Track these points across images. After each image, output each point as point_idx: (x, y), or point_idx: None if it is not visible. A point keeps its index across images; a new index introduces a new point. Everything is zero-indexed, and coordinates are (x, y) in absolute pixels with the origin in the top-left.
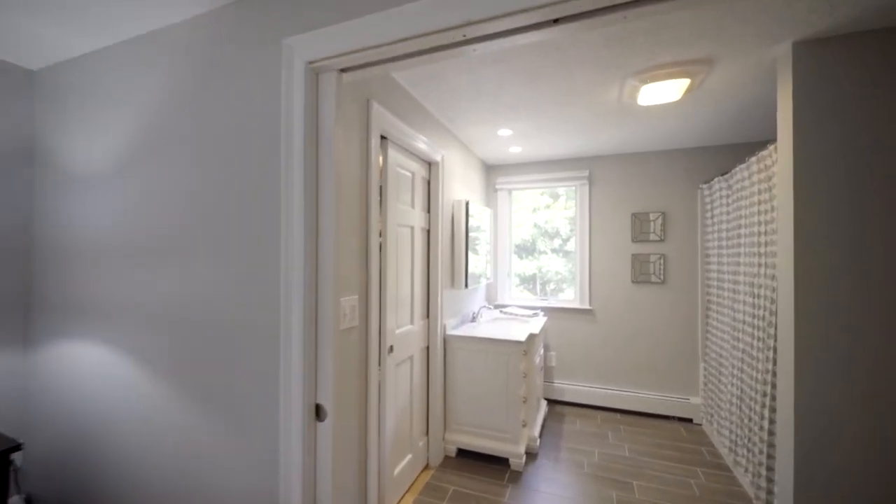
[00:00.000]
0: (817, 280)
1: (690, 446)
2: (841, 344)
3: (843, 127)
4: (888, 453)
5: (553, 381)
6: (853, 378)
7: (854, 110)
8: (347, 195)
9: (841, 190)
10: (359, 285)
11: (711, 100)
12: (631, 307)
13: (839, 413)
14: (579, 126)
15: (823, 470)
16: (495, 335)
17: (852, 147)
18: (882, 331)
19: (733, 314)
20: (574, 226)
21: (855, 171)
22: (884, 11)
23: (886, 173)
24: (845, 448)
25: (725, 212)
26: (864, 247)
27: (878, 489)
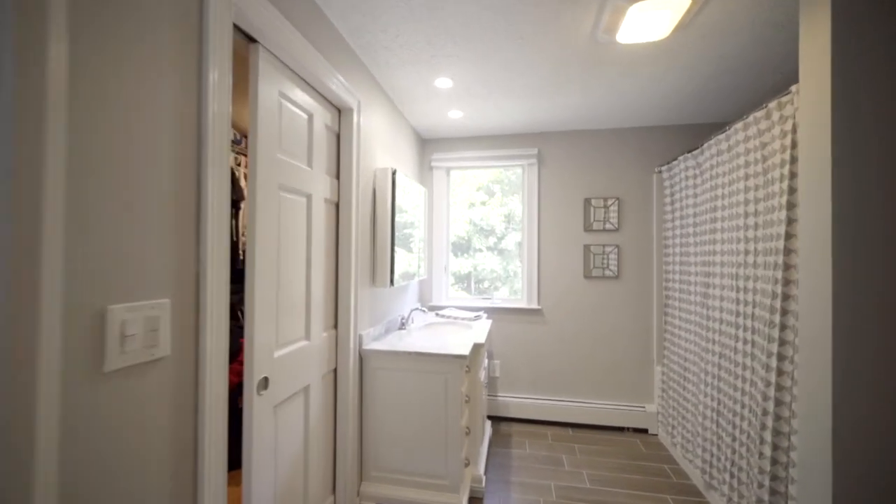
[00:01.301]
0: (863, 262)
1: (653, 465)
2: (887, 341)
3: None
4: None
5: (497, 395)
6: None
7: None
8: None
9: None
10: (173, 281)
11: (704, 42)
12: (583, 306)
13: (887, 423)
14: (536, 81)
15: (869, 489)
16: (430, 348)
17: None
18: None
19: (706, 311)
20: (508, 224)
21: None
22: None
23: None
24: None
25: (692, 194)
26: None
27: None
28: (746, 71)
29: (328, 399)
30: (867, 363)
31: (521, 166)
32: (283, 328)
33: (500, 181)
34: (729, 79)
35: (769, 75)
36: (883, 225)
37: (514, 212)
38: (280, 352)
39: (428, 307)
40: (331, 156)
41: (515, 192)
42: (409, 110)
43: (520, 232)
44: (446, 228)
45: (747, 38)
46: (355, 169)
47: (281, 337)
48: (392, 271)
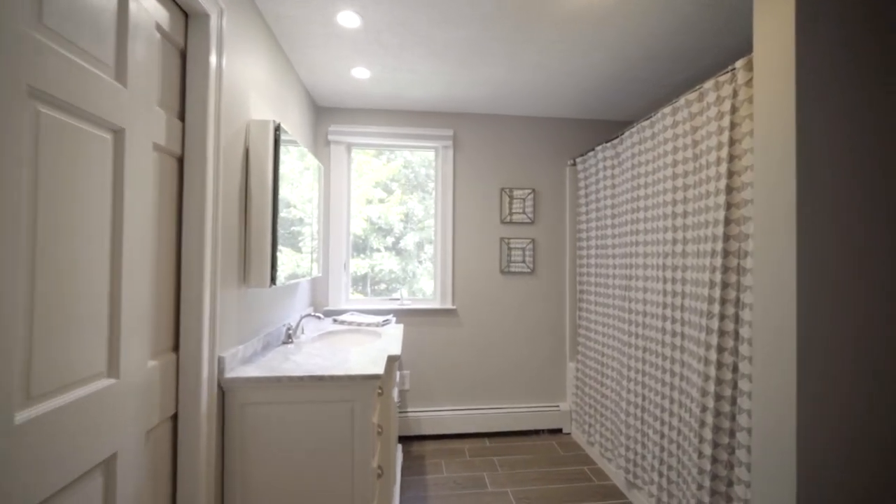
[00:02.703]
0: (829, 248)
1: (572, 469)
2: (849, 336)
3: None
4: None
5: (407, 411)
6: (857, 380)
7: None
8: None
9: (854, 127)
10: None
11: (642, 10)
12: (499, 304)
13: (852, 423)
14: (461, 38)
15: (834, 489)
16: (329, 367)
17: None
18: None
19: (627, 304)
20: (407, 223)
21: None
22: None
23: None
24: (860, 460)
25: (610, 185)
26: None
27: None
28: (661, 63)
29: (160, 465)
30: (835, 354)
31: (434, 148)
32: (47, 359)
33: (398, 178)
34: (647, 69)
35: (683, 71)
36: (850, 202)
37: (413, 211)
38: (37, 408)
39: (323, 312)
40: (169, 82)
41: (416, 191)
42: (301, 58)
43: (419, 232)
44: (346, 217)
45: (674, 22)
46: (213, 109)
47: (41, 377)
48: (274, 266)
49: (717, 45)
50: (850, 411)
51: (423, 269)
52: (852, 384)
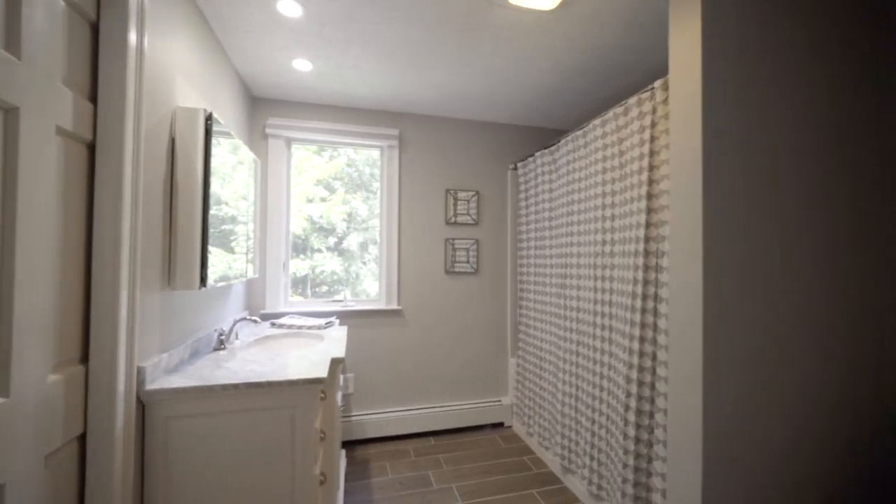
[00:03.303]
0: (722, 251)
1: (514, 460)
2: (739, 329)
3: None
4: (780, 442)
5: (351, 416)
6: (751, 369)
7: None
8: None
9: (746, 143)
10: None
11: (579, 25)
12: (445, 303)
13: (747, 408)
14: (408, 39)
15: (734, 473)
16: (267, 373)
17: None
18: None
19: (563, 301)
20: (350, 223)
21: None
22: None
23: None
24: (752, 443)
25: (548, 189)
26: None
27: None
28: (594, 76)
29: (64, 494)
30: (735, 344)
31: (379, 147)
32: None
33: (341, 177)
34: (585, 79)
35: (613, 85)
36: (746, 210)
37: (357, 210)
38: None
39: (260, 316)
40: (78, 58)
41: (359, 190)
42: (236, 45)
43: (363, 232)
44: (286, 215)
45: (608, 37)
46: (132, 92)
47: None
48: (204, 266)
49: (643, 63)
50: (747, 391)
51: (367, 270)
52: (749, 368)
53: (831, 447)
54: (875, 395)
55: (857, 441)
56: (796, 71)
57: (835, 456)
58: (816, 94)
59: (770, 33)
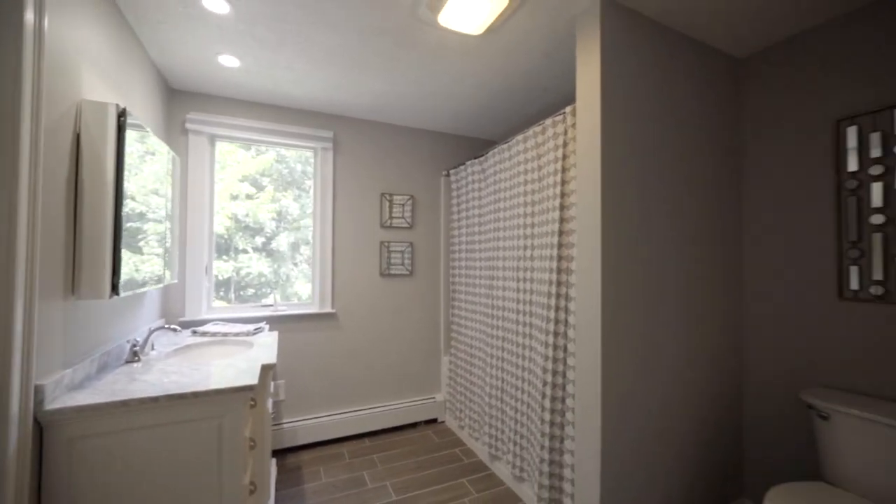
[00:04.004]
0: (616, 257)
1: (446, 453)
2: (629, 323)
3: (638, 101)
4: (662, 419)
5: (282, 423)
6: (639, 357)
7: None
8: None
9: (635, 165)
10: None
11: (504, 51)
12: (379, 306)
13: (633, 391)
14: (342, 47)
15: (623, 444)
16: (190, 384)
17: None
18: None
19: (490, 301)
20: (280, 222)
21: (644, 153)
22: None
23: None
24: (638, 422)
25: (477, 196)
26: (648, 227)
27: (659, 441)
28: (519, 94)
29: None
30: (623, 334)
31: (313, 149)
32: None
33: (270, 173)
34: (509, 98)
35: (535, 103)
36: (635, 224)
37: (288, 209)
38: None
39: (180, 324)
40: None
41: (290, 188)
42: (153, 36)
43: (294, 232)
44: (209, 216)
45: (529, 62)
46: (30, 81)
47: None
48: (116, 273)
49: (560, 87)
50: (634, 377)
51: (298, 271)
52: (638, 358)
53: (696, 410)
54: (729, 372)
55: (715, 403)
56: (676, 111)
57: (696, 412)
58: (690, 130)
59: (650, 81)
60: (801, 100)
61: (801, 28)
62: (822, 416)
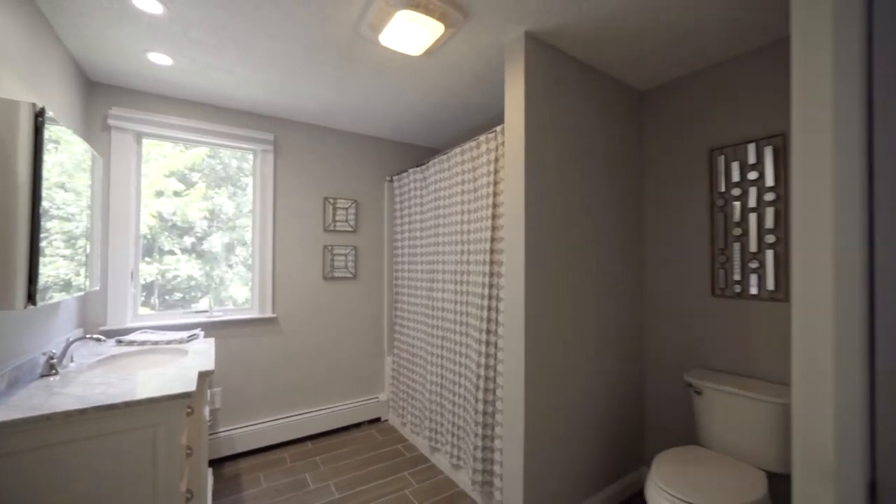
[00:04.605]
0: (537, 261)
1: (389, 450)
2: (550, 320)
3: (556, 124)
4: (574, 397)
5: (218, 432)
6: (559, 349)
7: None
8: None
9: (553, 180)
10: None
11: (442, 71)
12: (322, 308)
13: (553, 379)
14: (284, 58)
15: (543, 426)
16: (120, 394)
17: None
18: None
19: (431, 302)
20: (213, 222)
21: (559, 171)
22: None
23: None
24: (557, 406)
25: (419, 203)
26: (564, 235)
27: (570, 421)
28: (457, 110)
29: None
30: (545, 330)
31: (252, 151)
32: None
33: (201, 169)
34: (449, 112)
35: (473, 117)
36: (556, 233)
37: (222, 207)
38: None
39: (103, 333)
40: None
41: (225, 185)
42: (72, 28)
43: (229, 232)
44: (135, 218)
45: (465, 82)
46: None
47: None
48: (33, 281)
49: (495, 105)
50: (555, 368)
51: (234, 274)
52: (558, 350)
53: (607, 392)
54: (633, 358)
55: (622, 386)
56: (588, 134)
57: (607, 392)
58: (600, 151)
59: (569, 107)
60: (686, 129)
61: (687, 71)
62: (697, 391)
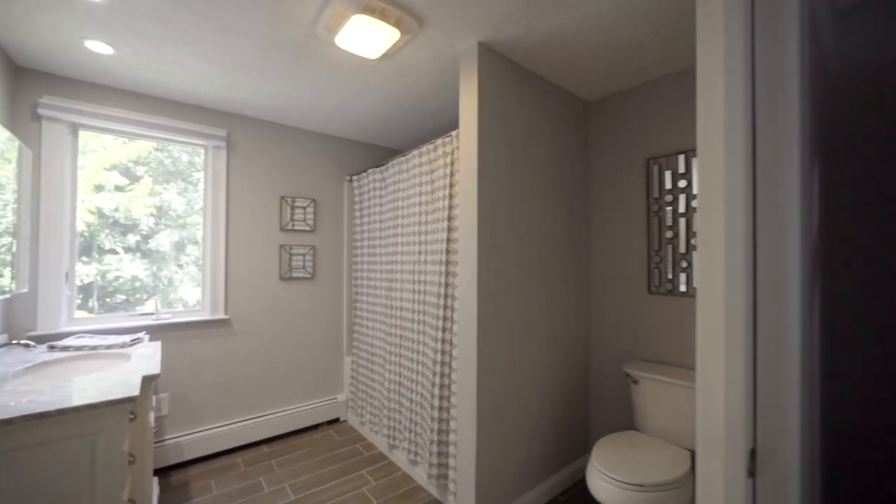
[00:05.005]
0: (490, 261)
1: (346, 449)
2: (502, 318)
3: (509, 131)
4: (526, 391)
5: (165, 439)
6: (511, 346)
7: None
8: None
9: (506, 184)
10: None
11: (400, 74)
12: (280, 309)
13: (504, 376)
14: (237, 55)
15: (495, 421)
16: (54, 401)
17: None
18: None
19: (390, 301)
20: (161, 219)
21: (510, 175)
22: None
23: (522, 189)
24: (508, 401)
25: (378, 203)
26: (513, 238)
27: (518, 411)
28: (416, 113)
29: None
30: (497, 328)
31: (204, 147)
32: None
33: (147, 162)
34: (409, 114)
35: (433, 119)
36: (507, 235)
37: (171, 204)
38: None
39: (31, 338)
40: None
41: (175, 180)
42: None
43: (179, 230)
44: (70, 215)
45: (423, 87)
46: None
47: None
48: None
49: (452, 109)
50: (505, 364)
51: (184, 274)
52: (510, 347)
53: (560, 387)
54: (580, 352)
55: (569, 378)
56: (539, 141)
57: (555, 386)
58: (550, 157)
59: (521, 114)
60: (626, 140)
61: (628, 85)
62: (634, 381)
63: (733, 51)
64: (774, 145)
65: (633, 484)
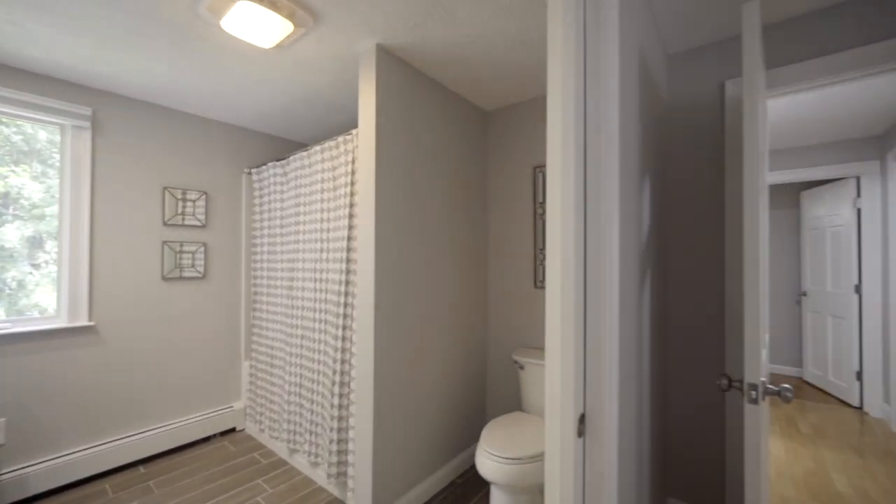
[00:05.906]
0: (387, 259)
1: (242, 460)
2: (401, 315)
3: (404, 132)
4: (419, 389)
5: (2, 474)
6: (411, 341)
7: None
8: None
9: (402, 180)
10: None
11: (297, 67)
12: (161, 313)
13: (403, 368)
14: (112, 20)
15: (393, 417)
16: None
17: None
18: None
19: (291, 301)
20: (10, 206)
21: (406, 172)
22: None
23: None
24: (406, 391)
25: (280, 199)
26: (412, 236)
27: (412, 407)
28: (319, 108)
29: None
30: (396, 324)
31: (60, 125)
32: None
33: None
34: (312, 108)
35: (338, 116)
36: (405, 234)
37: (21, 190)
38: None
39: None
40: None
41: (28, 161)
42: None
43: (33, 223)
44: None
45: (324, 82)
46: None
47: None
48: None
49: (355, 107)
50: (404, 363)
51: (41, 275)
52: (407, 345)
53: (459, 377)
54: (478, 342)
55: (469, 368)
56: (438, 145)
57: (455, 374)
58: (449, 161)
59: (420, 119)
60: (518, 148)
61: (520, 99)
62: (520, 366)
63: (568, 85)
64: (598, 162)
65: (512, 458)
